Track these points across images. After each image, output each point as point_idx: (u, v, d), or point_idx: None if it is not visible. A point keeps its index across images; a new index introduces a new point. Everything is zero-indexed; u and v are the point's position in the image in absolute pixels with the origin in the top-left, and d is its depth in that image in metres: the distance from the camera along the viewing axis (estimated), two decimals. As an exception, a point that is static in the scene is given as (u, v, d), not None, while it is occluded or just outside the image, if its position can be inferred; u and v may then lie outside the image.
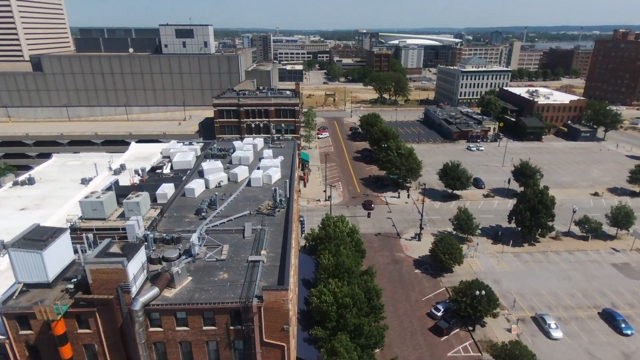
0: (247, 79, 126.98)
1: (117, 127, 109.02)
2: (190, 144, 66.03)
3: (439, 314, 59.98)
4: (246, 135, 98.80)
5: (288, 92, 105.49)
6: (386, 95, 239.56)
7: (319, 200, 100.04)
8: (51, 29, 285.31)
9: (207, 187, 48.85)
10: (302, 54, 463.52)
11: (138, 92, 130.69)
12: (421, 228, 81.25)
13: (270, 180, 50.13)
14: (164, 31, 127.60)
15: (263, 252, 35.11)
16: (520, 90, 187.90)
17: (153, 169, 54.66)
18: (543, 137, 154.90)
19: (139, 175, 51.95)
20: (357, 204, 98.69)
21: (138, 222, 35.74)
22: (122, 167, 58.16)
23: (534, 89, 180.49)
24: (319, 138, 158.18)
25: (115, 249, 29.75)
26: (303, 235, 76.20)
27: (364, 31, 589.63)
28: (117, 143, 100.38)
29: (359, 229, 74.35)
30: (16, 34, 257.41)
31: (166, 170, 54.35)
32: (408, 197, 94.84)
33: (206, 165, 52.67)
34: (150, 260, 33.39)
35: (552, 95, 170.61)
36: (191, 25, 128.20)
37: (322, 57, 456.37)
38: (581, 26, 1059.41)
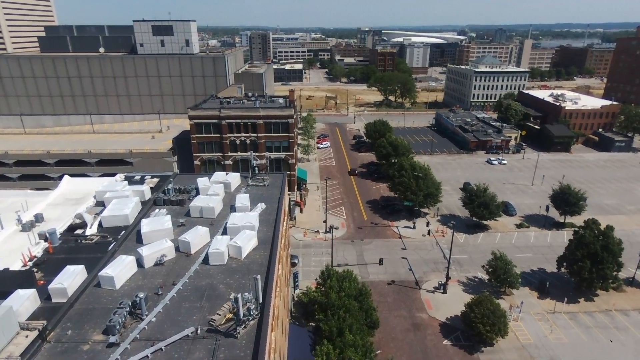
0: (235, 84, 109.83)
1: (79, 142, 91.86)
2: (142, 180, 48.77)
3: None
4: (230, 153, 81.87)
5: (281, 101, 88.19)
6: (392, 98, 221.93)
7: (317, 231, 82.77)
8: (40, 27, 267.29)
9: (140, 265, 31.63)
10: (303, 52, 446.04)
11: (110, 98, 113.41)
12: (448, 278, 63.85)
13: (239, 253, 32.83)
14: (139, 28, 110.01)
15: None
16: (541, 93, 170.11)
17: (71, 229, 37.41)
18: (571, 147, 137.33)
19: (45, 241, 34.82)
20: (365, 237, 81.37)
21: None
22: (38, 219, 40.93)
23: (559, 92, 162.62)
24: (318, 148, 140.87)
25: None
26: (296, 291, 58.96)
27: (367, 29, 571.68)
28: (74, 163, 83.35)
29: (369, 287, 57.01)
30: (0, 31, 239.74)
31: (91, 229, 37.11)
32: (428, 233, 77.37)
33: (147, 224, 35.42)
34: None
35: (580, 99, 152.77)
36: (170, 20, 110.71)
37: (323, 55, 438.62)
38: (587, 23, 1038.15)
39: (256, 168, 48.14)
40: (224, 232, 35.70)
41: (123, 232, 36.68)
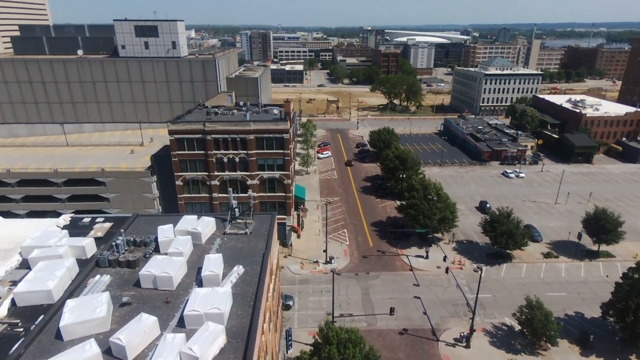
0: (225, 91, 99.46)
1: (48, 158, 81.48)
2: (91, 224, 38.37)
3: None
4: (216, 173, 71.36)
5: (276, 112, 77.79)
6: (396, 101, 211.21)
7: (317, 262, 72.30)
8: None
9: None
10: (304, 52, 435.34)
11: (89, 106, 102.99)
12: (473, 330, 53.33)
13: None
14: (120, 28, 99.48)
15: None
16: (558, 98, 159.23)
17: (-29, 311, 27.23)
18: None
19: None
20: (371, 270, 70.84)
21: None
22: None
23: (578, 98, 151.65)
24: (319, 158, 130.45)
25: None
26: (289, 351, 48.49)
27: (369, 28, 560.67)
28: (38, 183, 72.99)
29: (378, 350, 46.50)
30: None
31: (-1, 311, 26.91)
32: (446, 271, 66.51)
33: (72, 311, 25.03)
34: None
35: (601, 105, 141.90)
36: (155, 20, 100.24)
37: (325, 55, 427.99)
38: (592, 23, 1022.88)
39: (237, 209, 37.75)
40: (180, 322, 25.32)
41: (42, 316, 26.33)
